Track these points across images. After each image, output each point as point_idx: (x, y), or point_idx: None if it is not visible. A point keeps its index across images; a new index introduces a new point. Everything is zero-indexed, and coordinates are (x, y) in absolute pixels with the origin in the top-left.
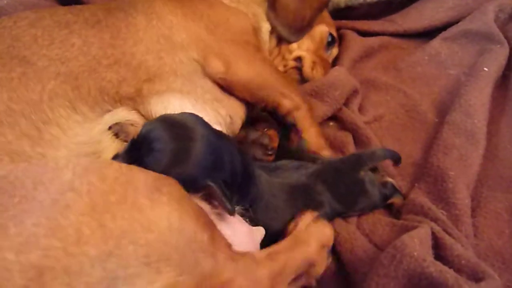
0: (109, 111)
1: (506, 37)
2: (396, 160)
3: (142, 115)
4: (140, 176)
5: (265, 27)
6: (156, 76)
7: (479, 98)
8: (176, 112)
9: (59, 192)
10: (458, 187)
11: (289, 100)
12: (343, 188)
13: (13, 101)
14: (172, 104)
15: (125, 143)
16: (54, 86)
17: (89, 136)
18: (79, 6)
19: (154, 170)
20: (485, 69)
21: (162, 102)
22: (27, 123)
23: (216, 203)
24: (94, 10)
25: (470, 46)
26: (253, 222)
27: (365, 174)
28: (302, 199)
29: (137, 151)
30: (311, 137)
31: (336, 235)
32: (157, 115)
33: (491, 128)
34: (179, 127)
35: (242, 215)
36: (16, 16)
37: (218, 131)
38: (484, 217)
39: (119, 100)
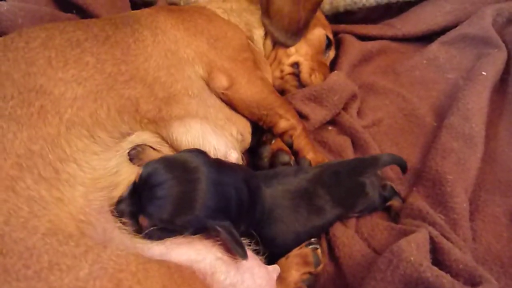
0: (129, 134)
1: (504, 41)
2: (402, 166)
3: (164, 140)
4: (154, 285)
5: (257, 34)
6: (171, 97)
7: (477, 102)
8: (197, 135)
9: (72, 287)
10: (456, 191)
11: (285, 120)
12: (343, 190)
13: (32, 141)
14: (194, 128)
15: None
16: (71, 115)
17: (106, 168)
18: (85, 21)
19: (159, 219)
20: (483, 73)
21: (184, 126)
22: (44, 164)
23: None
24: (101, 26)
25: (468, 50)
26: (264, 246)
27: (366, 177)
28: (304, 204)
29: (139, 196)
30: (309, 154)
31: (335, 239)
32: (179, 139)
33: (489, 132)
34: (179, 169)
35: (257, 253)
36: (26, 35)
37: (221, 164)
38: (482, 221)
39: (139, 121)
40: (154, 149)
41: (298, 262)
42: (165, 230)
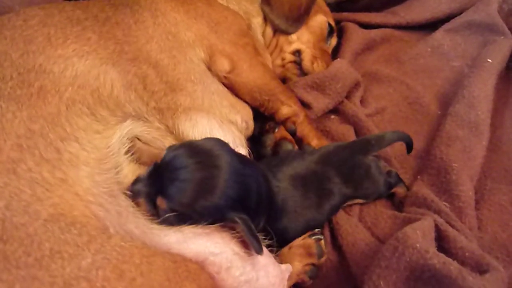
0: (133, 116)
1: (510, 28)
2: (409, 145)
3: (170, 131)
4: (158, 278)
5: (255, 22)
6: (174, 82)
7: (482, 89)
8: (204, 131)
9: (74, 276)
10: (462, 179)
11: (287, 107)
12: (348, 169)
13: (32, 120)
14: (201, 123)
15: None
16: (72, 93)
17: (108, 147)
18: (84, 2)
19: (179, 202)
20: (489, 60)
21: (190, 120)
22: (46, 144)
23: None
24: (101, 6)
25: (473, 38)
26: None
27: (372, 160)
28: (314, 188)
29: (160, 177)
30: (314, 141)
31: (339, 227)
32: (185, 133)
33: (494, 120)
34: (204, 154)
35: (270, 250)
36: (24, 14)
37: (243, 156)
38: (488, 210)
39: (146, 102)
40: (144, 142)
41: (301, 253)
42: (181, 216)
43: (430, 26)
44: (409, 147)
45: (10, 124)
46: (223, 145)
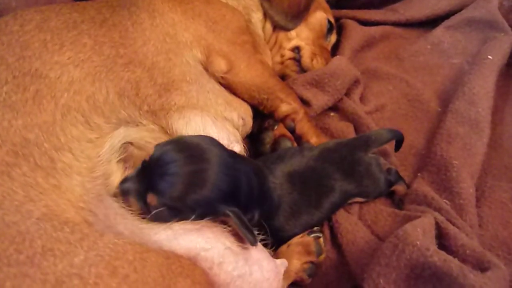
0: (127, 122)
1: (510, 25)
2: (398, 141)
3: (164, 130)
4: (152, 274)
5: (255, 17)
6: (169, 84)
7: (483, 86)
8: (198, 128)
9: (66, 273)
10: (462, 176)
11: (286, 104)
12: (348, 166)
13: (27, 129)
14: (194, 120)
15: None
16: (67, 99)
17: (99, 156)
18: (81, 3)
19: (169, 196)
20: (489, 57)
21: (183, 118)
22: (40, 153)
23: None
24: (98, 8)
25: (474, 35)
26: (272, 235)
27: (373, 158)
28: (313, 186)
29: (149, 175)
30: (313, 139)
31: (338, 225)
32: (179, 131)
33: (495, 117)
34: (193, 149)
35: (265, 245)
36: (21, 18)
37: (232, 151)
38: (489, 207)
39: (139, 107)
40: (137, 147)
41: (300, 251)
42: (172, 211)
43: (430, 23)
44: (398, 144)
45: (6, 132)
46: (212, 140)
